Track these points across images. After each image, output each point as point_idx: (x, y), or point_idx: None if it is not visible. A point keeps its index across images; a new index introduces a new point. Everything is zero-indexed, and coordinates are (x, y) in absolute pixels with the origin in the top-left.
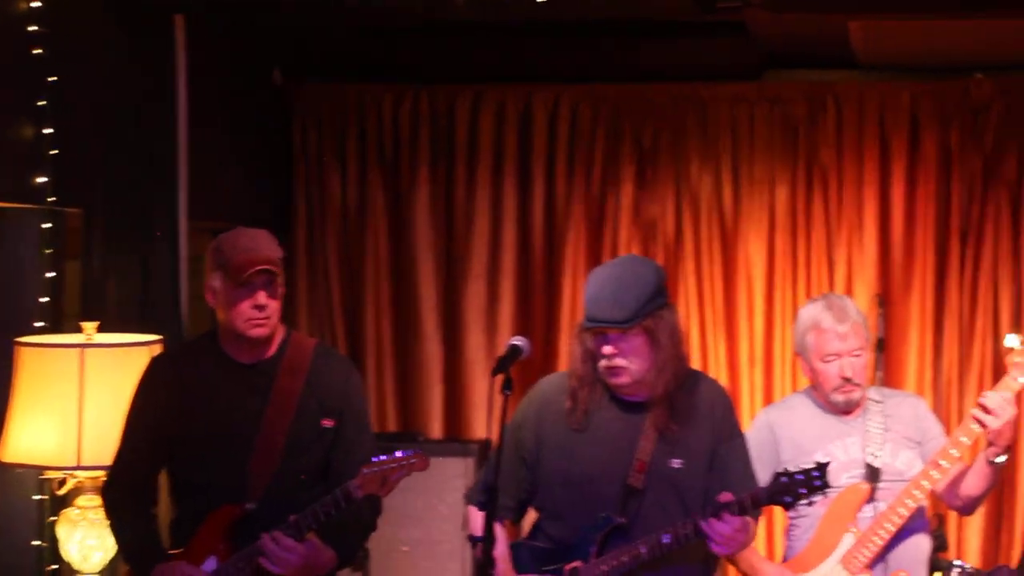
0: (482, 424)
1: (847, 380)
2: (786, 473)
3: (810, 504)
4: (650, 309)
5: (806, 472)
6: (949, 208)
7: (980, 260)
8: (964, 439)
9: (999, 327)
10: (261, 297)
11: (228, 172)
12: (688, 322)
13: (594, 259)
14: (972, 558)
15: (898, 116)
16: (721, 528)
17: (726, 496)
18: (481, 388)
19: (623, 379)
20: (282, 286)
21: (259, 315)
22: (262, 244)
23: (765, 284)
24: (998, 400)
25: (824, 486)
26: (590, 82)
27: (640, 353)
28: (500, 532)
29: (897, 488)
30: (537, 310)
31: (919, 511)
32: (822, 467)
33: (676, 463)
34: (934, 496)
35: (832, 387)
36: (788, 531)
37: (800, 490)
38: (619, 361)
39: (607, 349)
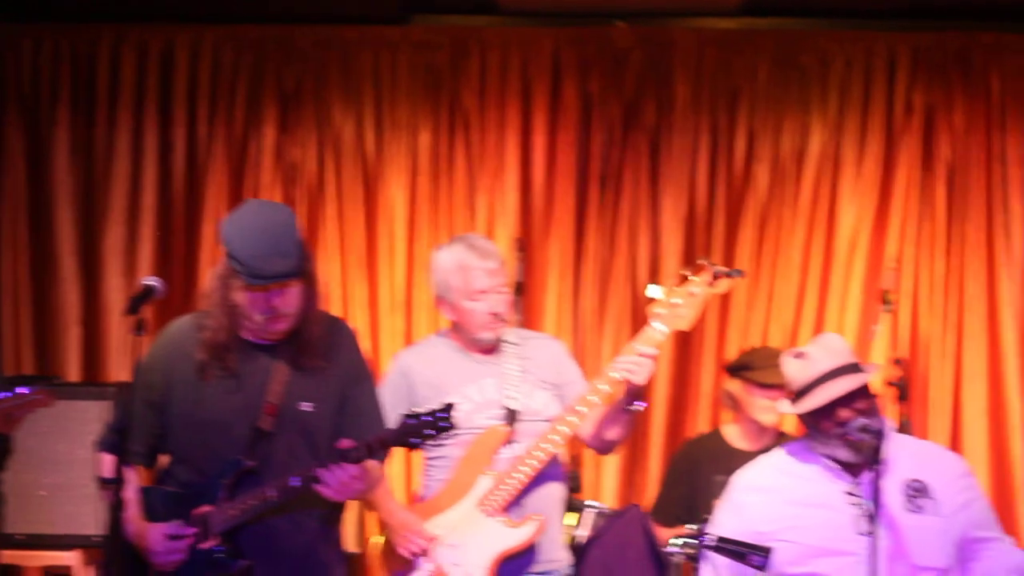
0: (121, 367)
1: (496, 316)
2: (413, 415)
3: (437, 446)
4: (305, 254)
5: (432, 413)
6: (589, 154)
7: (619, 206)
8: (603, 387)
9: (637, 272)
10: None
11: None
12: (329, 266)
13: (236, 202)
14: (608, 498)
15: (540, 63)
16: (336, 474)
17: (346, 442)
18: (120, 331)
19: (283, 326)
20: None
21: None
22: None
23: (407, 229)
24: (637, 359)
25: (450, 427)
26: (233, 23)
27: (296, 299)
28: (131, 475)
29: (535, 429)
30: (177, 253)
31: (554, 456)
32: (448, 408)
33: (306, 406)
34: (571, 438)
35: (481, 324)
36: (425, 471)
37: (427, 431)
38: (285, 310)
39: (277, 301)
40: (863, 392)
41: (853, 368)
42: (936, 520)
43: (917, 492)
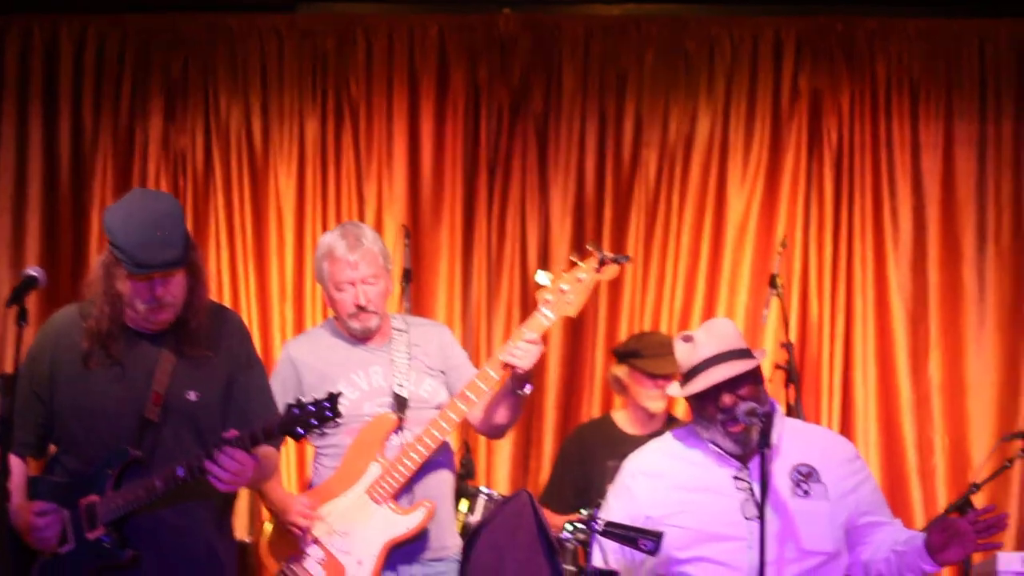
0: (8, 358)
1: (361, 308)
2: (298, 404)
3: (322, 435)
4: (190, 243)
5: (317, 403)
6: (477, 141)
7: (508, 192)
8: (493, 373)
9: (527, 259)
10: None
11: None
12: (219, 256)
13: (123, 192)
14: (501, 484)
15: (427, 50)
16: (226, 463)
17: (231, 432)
18: (8, 322)
19: (167, 315)
20: None
21: None
22: None
23: (295, 218)
24: (524, 346)
25: (335, 416)
26: (118, 12)
27: (181, 288)
28: (16, 464)
29: (424, 416)
30: (65, 243)
31: (444, 443)
32: (333, 397)
33: (192, 395)
34: (464, 424)
35: (347, 314)
36: (315, 460)
37: (311, 420)
38: (169, 299)
39: (161, 291)
40: (748, 377)
41: (740, 353)
42: (824, 504)
43: (805, 476)
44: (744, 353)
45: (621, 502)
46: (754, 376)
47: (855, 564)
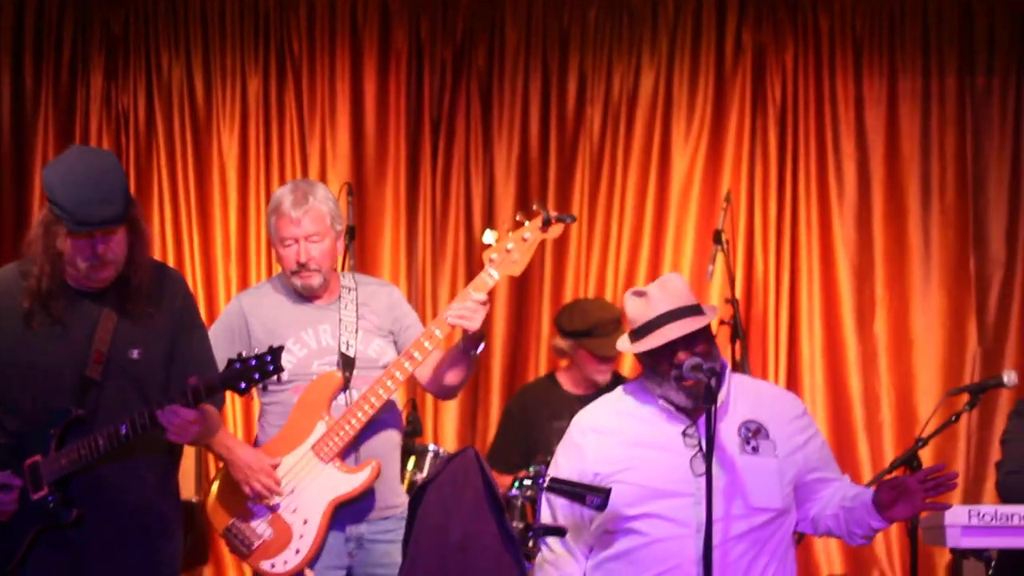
0: None
1: (303, 265)
2: (240, 359)
3: (266, 390)
4: (130, 199)
5: (259, 357)
6: (421, 99)
7: (452, 149)
8: (438, 332)
9: (472, 216)
10: None
11: None
12: (162, 215)
13: (64, 150)
14: (449, 442)
15: (369, 6)
16: (172, 418)
17: (173, 388)
18: None
19: (108, 273)
20: None
21: None
22: None
23: (239, 176)
24: (471, 306)
25: (277, 371)
26: None
27: (121, 245)
28: None
29: (371, 376)
30: (7, 203)
31: (390, 402)
32: (275, 351)
33: (135, 353)
34: (411, 382)
35: (290, 271)
36: (261, 417)
37: (254, 375)
38: (110, 257)
39: (102, 248)
40: (702, 334)
41: (693, 310)
42: (772, 461)
43: (753, 433)
44: (696, 309)
45: (570, 459)
46: (707, 333)
47: (803, 520)
